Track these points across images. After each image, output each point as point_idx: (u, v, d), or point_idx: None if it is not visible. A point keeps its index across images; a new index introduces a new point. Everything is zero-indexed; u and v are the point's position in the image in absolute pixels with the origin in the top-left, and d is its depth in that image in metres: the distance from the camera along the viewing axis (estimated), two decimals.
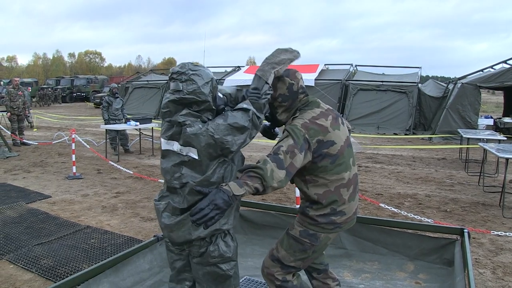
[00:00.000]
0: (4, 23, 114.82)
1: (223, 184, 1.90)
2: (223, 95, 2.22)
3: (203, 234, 2.04)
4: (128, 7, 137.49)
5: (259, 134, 2.26)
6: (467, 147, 8.53)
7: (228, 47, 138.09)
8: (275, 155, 2.00)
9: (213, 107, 2.05)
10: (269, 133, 2.54)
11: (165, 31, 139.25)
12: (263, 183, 1.91)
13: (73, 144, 7.77)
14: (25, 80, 35.13)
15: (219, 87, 2.22)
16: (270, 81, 2.14)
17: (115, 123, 9.87)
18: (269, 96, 2.16)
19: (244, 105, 2.08)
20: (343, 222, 2.26)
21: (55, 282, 3.02)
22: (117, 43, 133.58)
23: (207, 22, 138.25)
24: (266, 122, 2.51)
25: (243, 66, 21.26)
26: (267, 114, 2.42)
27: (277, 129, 2.54)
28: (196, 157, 2.00)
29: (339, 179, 2.20)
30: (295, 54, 2.21)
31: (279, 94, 2.27)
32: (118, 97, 10.18)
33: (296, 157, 2.03)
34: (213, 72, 2.13)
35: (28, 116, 14.44)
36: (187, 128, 1.97)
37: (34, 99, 30.54)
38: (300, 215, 2.33)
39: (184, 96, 1.98)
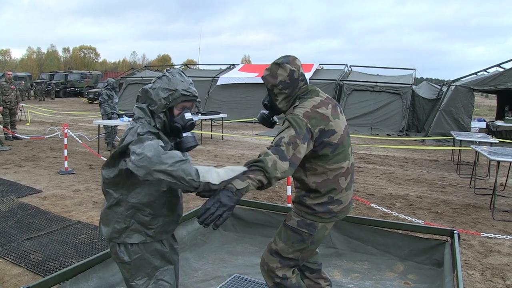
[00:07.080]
0: (11, 17, 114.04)
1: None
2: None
3: (106, 234, 2.06)
4: (136, 4, 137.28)
5: (261, 126, 2.17)
6: (459, 149, 8.59)
7: (229, 45, 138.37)
8: (276, 146, 1.98)
9: (161, 116, 1.99)
10: (267, 121, 2.49)
11: (168, 29, 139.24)
12: (265, 175, 1.89)
13: (65, 139, 7.72)
14: (19, 74, 34.86)
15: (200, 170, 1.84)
16: (210, 180, 1.78)
17: (113, 117, 9.74)
18: (194, 189, 1.79)
19: (166, 158, 1.75)
20: (339, 211, 2.26)
21: (44, 277, 2.99)
22: (119, 40, 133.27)
23: (211, 20, 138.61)
24: (264, 110, 2.46)
25: (238, 64, 21.22)
26: (265, 102, 2.38)
27: (275, 117, 2.49)
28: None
29: (338, 168, 2.20)
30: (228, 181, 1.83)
31: (279, 81, 2.22)
32: (117, 91, 10.04)
33: (299, 147, 2.01)
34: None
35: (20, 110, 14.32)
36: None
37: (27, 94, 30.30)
38: (296, 204, 2.32)
39: (148, 88, 2.05)
